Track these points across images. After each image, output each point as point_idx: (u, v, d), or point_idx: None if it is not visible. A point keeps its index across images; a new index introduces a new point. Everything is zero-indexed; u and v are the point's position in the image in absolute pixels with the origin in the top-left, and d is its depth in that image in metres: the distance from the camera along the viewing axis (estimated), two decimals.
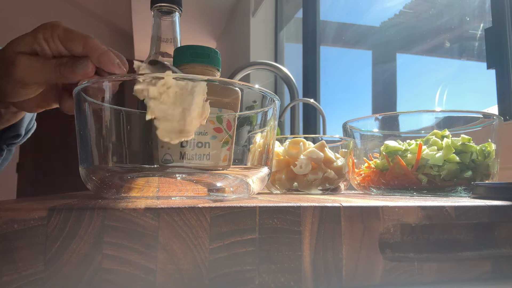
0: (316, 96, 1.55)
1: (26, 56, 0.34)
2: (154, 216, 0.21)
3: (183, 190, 0.29)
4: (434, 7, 1.16)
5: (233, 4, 2.34)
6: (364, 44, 1.50)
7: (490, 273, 0.26)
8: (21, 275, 0.19)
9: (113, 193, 0.29)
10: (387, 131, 0.52)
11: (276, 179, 0.52)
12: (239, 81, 0.31)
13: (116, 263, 0.20)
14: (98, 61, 0.34)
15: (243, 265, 0.22)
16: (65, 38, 0.35)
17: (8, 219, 0.19)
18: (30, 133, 0.50)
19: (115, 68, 0.34)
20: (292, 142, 0.52)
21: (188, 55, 0.37)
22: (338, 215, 0.24)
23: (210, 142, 0.33)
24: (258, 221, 0.22)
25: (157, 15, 0.48)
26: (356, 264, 0.24)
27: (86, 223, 0.20)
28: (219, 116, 0.33)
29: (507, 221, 0.27)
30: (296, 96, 1.09)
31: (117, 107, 0.29)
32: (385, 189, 0.48)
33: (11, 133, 0.46)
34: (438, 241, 0.26)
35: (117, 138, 0.29)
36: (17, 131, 0.46)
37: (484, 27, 0.79)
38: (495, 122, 0.47)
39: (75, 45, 0.34)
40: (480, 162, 0.44)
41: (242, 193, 0.31)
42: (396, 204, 0.25)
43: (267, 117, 0.33)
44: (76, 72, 0.34)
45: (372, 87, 1.37)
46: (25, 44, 0.35)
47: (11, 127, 0.46)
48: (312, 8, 1.63)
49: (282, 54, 2.01)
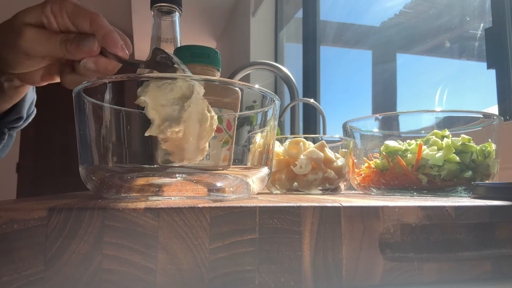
0: (316, 96, 1.55)
1: (32, 28, 0.34)
2: (154, 216, 0.21)
3: (183, 190, 0.29)
4: (434, 7, 1.16)
5: (233, 4, 2.34)
6: (364, 44, 1.50)
7: (490, 273, 0.26)
8: (21, 275, 0.19)
9: (113, 193, 0.29)
10: (387, 131, 0.52)
11: (276, 179, 0.52)
12: (239, 81, 0.31)
13: (116, 263, 0.20)
14: (103, 40, 0.34)
15: (243, 265, 0.22)
16: (73, 14, 0.35)
17: (8, 219, 0.19)
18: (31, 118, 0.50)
19: (118, 50, 0.34)
20: (292, 142, 0.52)
21: (188, 55, 0.37)
22: (338, 215, 0.24)
23: (210, 142, 0.33)
24: (258, 221, 0.22)
25: (157, 15, 0.48)
26: (356, 264, 0.24)
27: (86, 223, 0.20)
28: (219, 116, 0.33)
29: (507, 221, 0.27)
30: (296, 96, 1.09)
31: (117, 107, 0.29)
32: (385, 189, 0.48)
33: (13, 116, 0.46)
34: (438, 241, 0.26)
35: (117, 138, 0.29)
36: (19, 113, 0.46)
37: (484, 27, 0.79)
38: (495, 122, 0.47)
39: (83, 22, 0.34)
40: (480, 162, 0.44)
41: (242, 193, 0.31)
42: (396, 204, 0.25)
43: (267, 117, 0.33)
44: (81, 49, 0.34)
45: (372, 87, 1.37)
46: (33, 15, 0.35)
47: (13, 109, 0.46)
48: (312, 8, 1.63)
49: (282, 54, 2.01)
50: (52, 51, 0.35)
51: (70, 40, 0.34)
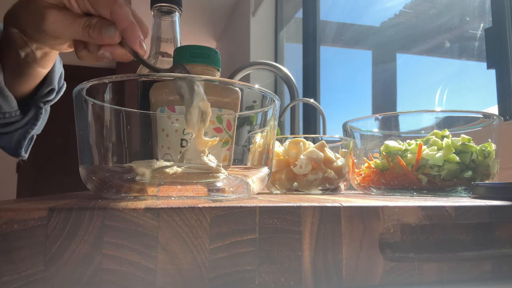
0: (316, 96, 1.55)
1: (55, 12, 0.35)
2: (154, 216, 0.21)
3: (183, 190, 0.29)
4: (434, 7, 1.16)
5: (233, 4, 2.34)
6: (364, 44, 1.49)
7: (490, 273, 0.26)
8: (21, 275, 0.19)
9: (113, 193, 0.29)
10: (387, 131, 0.52)
11: (276, 179, 0.52)
12: (239, 81, 0.31)
13: (116, 263, 0.20)
14: (124, 33, 0.34)
15: (243, 265, 0.22)
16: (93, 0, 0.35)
17: (8, 219, 0.19)
18: (63, 90, 0.52)
19: (137, 46, 0.35)
20: (292, 142, 0.52)
21: (188, 55, 0.37)
22: (338, 215, 0.24)
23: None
24: (258, 221, 0.22)
25: (157, 15, 0.48)
26: (356, 264, 0.24)
27: (86, 223, 0.20)
28: (219, 116, 0.33)
29: (507, 221, 0.27)
30: (296, 96, 1.09)
31: (117, 107, 0.29)
32: (385, 189, 0.48)
33: (46, 88, 0.48)
34: (438, 241, 0.26)
35: (117, 138, 0.29)
36: (51, 84, 0.48)
37: (484, 27, 0.79)
38: (495, 122, 0.47)
39: (103, 10, 0.35)
40: (480, 162, 0.44)
41: (242, 193, 0.31)
42: (396, 204, 0.25)
43: (267, 117, 0.33)
44: (103, 37, 0.35)
45: (372, 87, 1.37)
46: None
47: (45, 82, 0.47)
48: (312, 8, 1.63)
49: (282, 54, 2.01)
50: (75, 34, 0.36)
51: (92, 26, 0.35)
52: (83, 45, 0.37)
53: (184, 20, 0.56)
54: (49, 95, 0.49)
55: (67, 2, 0.35)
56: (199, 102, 0.29)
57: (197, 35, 2.79)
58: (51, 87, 0.48)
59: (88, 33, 0.35)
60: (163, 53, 0.48)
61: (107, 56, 0.35)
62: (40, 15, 0.35)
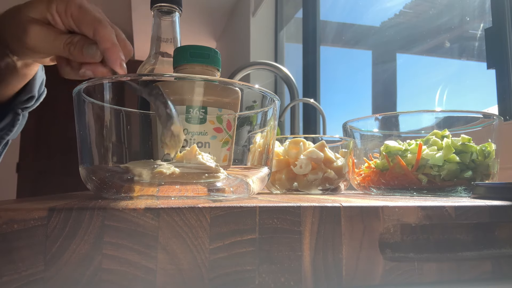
0: (316, 96, 1.55)
1: (38, 27, 0.35)
2: (154, 216, 0.21)
3: (183, 190, 0.29)
4: (434, 7, 1.16)
5: (233, 4, 2.34)
6: (364, 44, 1.49)
7: (490, 273, 0.26)
8: (21, 275, 0.19)
9: (113, 193, 0.29)
10: (387, 131, 0.52)
11: (276, 179, 0.52)
12: (239, 81, 0.31)
13: (116, 263, 0.20)
14: (105, 53, 0.34)
15: (243, 265, 0.22)
16: (78, 19, 0.35)
17: (8, 219, 0.19)
18: (42, 97, 0.51)
19: (117, 67, 0.35)
20: (292, 142, 0.52)
21: (188, 55, 0.37)
22: (338, 215, 0.24)
23: (210, 142, 0.33)
24: (258, 221, 0.22)
25: (157, 15, 0.48)
26: (356, 264, 0.24)
27: (86, 223, 0.20)
28: (219, 116, 0.33)
29: (507, 221, 0.27)
30: (296, 96, 1.09)
31: (117, 107, 0.29)
32: (385, 189, 0.48)
33: (25, 95, 0.47)
34: (438, 241, 0.26)
35: (117, 138, 0.29)
36: (31, 92, 0.47)
37: (484, 27, 0.79)
38: (495, 122, 0.47)
39: (86, 29, 0.35)
40: (480, 162, 0.44)
41: (242, 193, 0.31)
42: (396, 204, 0.25)
43: (267, 117, 0.33)
44: (84, 56, 0.35)
45: (372, 87, 1.37)
46: (38, 11, 0.35)
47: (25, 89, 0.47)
48: (312, 8, 1.63)
49: (282, 54, 2.01)
50: (56, 51, 0.36)
51: (74, 44, 0.35)
52: (66, 62, 0.37)
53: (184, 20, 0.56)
54: (28, 102, 0.48)
55: (51, 18, 0.35)
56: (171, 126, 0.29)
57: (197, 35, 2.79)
58: (30, 94, 0.47)
59: (69, 50, 0.35)
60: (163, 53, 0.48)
61: (89, 74, 0.35)
62: (23, 29, 0.35)
